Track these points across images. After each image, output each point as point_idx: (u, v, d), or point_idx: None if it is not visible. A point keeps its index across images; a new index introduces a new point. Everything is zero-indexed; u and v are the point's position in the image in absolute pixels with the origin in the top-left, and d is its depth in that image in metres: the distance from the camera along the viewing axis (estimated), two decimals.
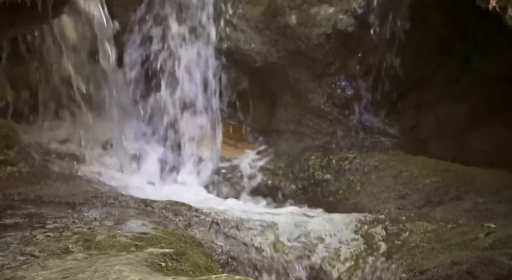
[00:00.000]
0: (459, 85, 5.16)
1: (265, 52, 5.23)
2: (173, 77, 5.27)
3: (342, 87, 5.22)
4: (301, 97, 5.28)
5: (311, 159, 5.09)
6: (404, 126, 5.25)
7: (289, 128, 5.34)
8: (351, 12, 5.02)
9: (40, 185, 4.26)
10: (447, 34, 5.09)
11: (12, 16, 3.71)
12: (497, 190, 4.43)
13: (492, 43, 4.92)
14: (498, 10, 3.48)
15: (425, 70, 5.21)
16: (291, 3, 5.16)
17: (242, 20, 5.27)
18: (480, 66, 5.10)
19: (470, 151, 5.06)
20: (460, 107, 5.14)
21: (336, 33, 5.06)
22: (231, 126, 5.41)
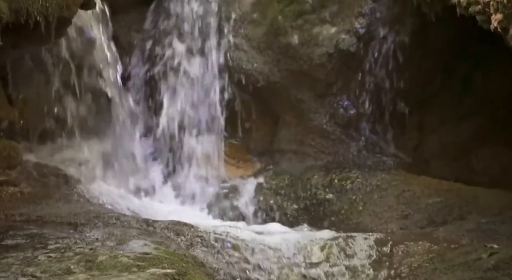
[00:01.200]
0: (461, 105, 5.17)
1: (267, 72, 5.25)
2: (175, 97, 5.28)
3: (345, 106, 5.23)
4: (304, 117, 5.28)
5: (313, 178, 5.09)
6: (407, 146, 5.25)
7: (291, 147, 5.34)
8: (353, 32, 5.04)
9: (42, 205, 4.26)
10: (449, 54, 5.11)
11: (15, 37, 3.74)
12: (500, 210, 4.42)
13: (494, 63, 4.93)
14: (500, 30, 3.49)
15: (427, 90, 5.22)
16: (293, 23, 5.18)
17: (244, 40, 5.29)
18: (482, 86, 5.11)
19: (473, 171, 5.06)
20: (463, 127, 5.14)
21: (338, 53, 5.08)
22: (233, 145, 5.41)
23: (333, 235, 4.29)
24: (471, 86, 5.15)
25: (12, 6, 3.52)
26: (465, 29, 4.24)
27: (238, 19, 5.30)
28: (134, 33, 5.37)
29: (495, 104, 5.05)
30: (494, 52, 4.63)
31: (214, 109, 5.32)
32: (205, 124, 5.32)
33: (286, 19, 5.20)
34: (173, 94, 5.29)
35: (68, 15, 3.90)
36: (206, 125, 5.32)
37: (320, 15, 5.15)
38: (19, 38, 3.79)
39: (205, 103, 5.32)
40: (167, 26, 5.31)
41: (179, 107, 5.28)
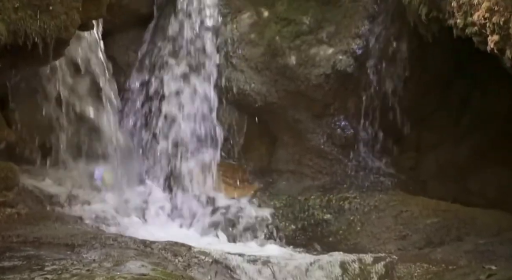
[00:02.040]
0: (459, 125, 5.18)
1: (265, 92, 5.26)
2: (172, 117, 5.29)
3: (342, 127, 5.24)
4: (301, 137, 5.29)
5: (311, 199, 5.08)
6: (404, 166, 5.25)
7: (289, 168, 5.33)
8: (350, 53, 5.06)
9: (39, 226, 4.25)
10: (447, 74, 5.12)
11: (13, 58, 3.75)
12: (498, 231, 4.42)
13: (491, 83, 4.95)
14: (496, 52, 3.51)
15: (425, 110, 5.23)
16: (291, 44, 5.20)
17: (242, 60, 5.31)
18: (480, 106, 5.13)
19: (470, 192, 5.06)
20: (460, 148, 5.16)
21: (336, 74, 5.09)
22: (230, 166, 5.40)
23: (329, 256, 4.28)
24: (468, 106, 5.17)
25: (10, 27, 3.52)
26: (462, 49, 4.25)
27: (236, 39, 5.32)
28: (132, 53, 5.39)
29: (492, 124, 5.06)
30: (491, 73, 4.65)
31: (212, 129, 5.33)
32: (202, 144, 5.32)
33: (284, 40, 5.22)
34: (170, 115, 5.29)
35: (66, 36, 3.89)
36: (203, 146, 5.32)
37: (317, 36, 5.17)
38: (17, 59, 3.80)
39: (202, 124, 5.32)
40: (165, 46, 5.32)
41: (176, 128, 5.28)
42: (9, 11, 3.52)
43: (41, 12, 3.68)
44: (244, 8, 5.39)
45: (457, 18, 3.76)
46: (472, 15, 3.60)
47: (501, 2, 3.40)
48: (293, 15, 5.24)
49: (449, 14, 3.87)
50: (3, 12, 3.49)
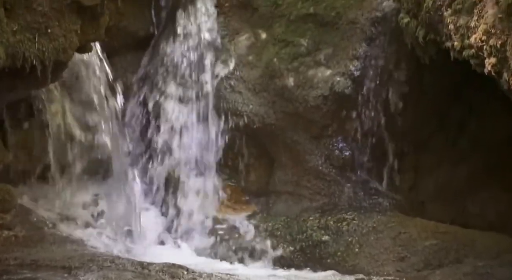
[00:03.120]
0: (457, 148, 5.18)
1: (263, 114, 5.26)
2: (171, 139, 5.29)
3: (340, 148, 5.23)
4: (299, 158, 5.29)
5: (309, 220, 5.07)
6: (402, 188, 5.24)
7: (287, 189, 5.33)
8: (348, 74, 5.07)
9: (36, 248, 4.24)
10: (444, 97, 5.13)
11: (11, 81, 3.75)
12: (497, 254, 4.40)
13: (489, 107, 4.96)
14: (494, 74, 3.52)
15: (422, 132, 5.23)
16: (289, 66, 5.22)
17: (240, 82, 5.32)
18: (477, 129, 5.13)
19: (469, 214, 5.06)
20: (459, 170, 5.16)
21: (334, 95, 5.10)
22: (229, 187, 5.40)
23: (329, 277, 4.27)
24: (465, 129, 5.17)
25: (8, 50, 3.53)
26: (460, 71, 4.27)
27: (234, 61, 5.34)
28: (130, 75, 5.40)
29: (489, 147, 5.07)
30: (488, 95, 4.66)
31: (210, 151, 5.33)
32: (201, 165, 5.32)
33: (282, 62, 5.24)
34: (169, 136, 5.30)
35: (64, 59, 3.91)
36: (202, 167, 5.32)
37: (315, 58, 5.19)
38: (15, 81, 3.80)
39: (201, 145, 5.32)
40: (163, 69, 5.33)
41: (175, 149, 5.28)
42: (7, 34, 3.54)
43: (40, 34, 3.70)
44: (242, 30, 5.41)
45: (454, 41, 3.77)
46: (469, 38, 3.62)
47: (498, 25, 3.41)
48: (291, 37, 5.26)
49: (446, 36, 3.88)
50: (2, 35, 3.50)
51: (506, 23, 3.37)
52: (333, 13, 5.19)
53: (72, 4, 3.82)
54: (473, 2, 3.58)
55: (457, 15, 3.72)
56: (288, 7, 5.31)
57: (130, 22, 5.27)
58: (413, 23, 4.30)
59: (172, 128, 5.29)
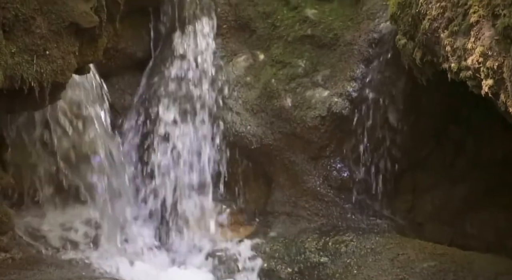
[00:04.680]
0: (454, 168, 5.18)
1: (261, 134, 5.27)
2: (168, 159, 5.28)
3: (338, 169, 5.23)
4: (297, 179, 5.28)
5: (307, 241, 5.05)
6: (400, 209, 5.24)
7: (285, 210, 5.32)
8: (346, 95, 5.08)
9: (34, 271, 4.21)
10: (442, 117, 5.13)
11: (9, 103, 3.76)
12: (495, 275, 4.37)
13: (486, 127, 4.96)
14: (491, 96, 3.53)
15: (420, 153, 5.23)
16: (286, 87, 5.23)
17: (237, 102, 5.33)
18: (475, 149, 5.13)
19: (467, 235, 5.04)
20: (456, 190, 5.15)
21: (331, 116, 5.11)
22: (226, 208, 5.38)
23: None
24: (463, 149, 5.17)
25: (7, 72, 3.54)
26: (457, 92, 4.27)
27: (232, 82, 5.36)
28: (128, 96, 5.41)
29: (487, 167, 5.06)
30: (485, 116, 4.67)
31: (208, 172, 5.32)
32: (198, 186, 5.31)
33: (279, 83, 5.26)
34: (166, 157, 5.29)
35: (62, 80, 3.91)
36: (199, 188, 5.31)
37: (312, 79, 5.21)
38: (14, 103, 3.81)
39: (199, 166, 5.32)
40: (161, 89, 5.34)
41: (172, 170, 5.28)
42: (6, 56, 3.55)
43: (38, 56, 3.71)
44: (240, 51, 5.44)
45: (451, 62, 3.78)
46: (466, 60, 3.63)
47: (495, 47, 3.43)
48: (289, 58, 5.28)
49: (443, 58, 3.89)
50: (0, 58, 3.51)
51: (502, 45, 3.38)
52: (331, 35, 5.21)
53: (71, 26, 3.84)
54: (469, 24, 3.59)
55: (454, 37, 3.73)
56: (285, 28, 5.33)
57: (128, 44, 5.29)
58: (410, 45, 4.31)
59: (169, 149, 5.28)
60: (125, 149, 5.30)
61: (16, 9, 3.58)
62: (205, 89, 5.35)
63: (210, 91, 5.36)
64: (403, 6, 4.19)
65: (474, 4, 3.54)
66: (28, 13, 3.64)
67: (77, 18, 3.85)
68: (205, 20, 5.40)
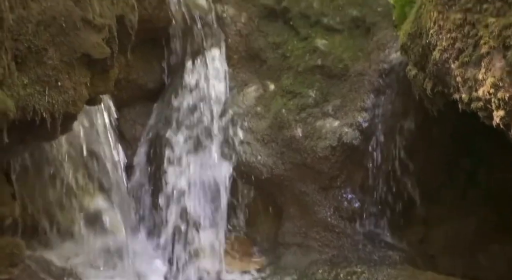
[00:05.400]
0: (466, 200, 5.15)
1: (271, 165, 5.26)
2: (179, 190, 5.27)
3: (349, 199, 5.21)
4: (308, 210, 5.26)
5: (318, 273, 5.01)
6: (412, 240, 5.20)
7: (295, 241, 5.29)
8: (356, 125, 5.08)
9: None
10: (453, 148, 5.12)
11: (21, 134, 3.76)
12: None
13: (499, 158, 4.94)
14: (502, 127, 3.51)
15: (431, 184, 5.21)
16: (297, 117, 5.24)
17: (248, 132, 5.33)
18: (487, 181, 5.11)
19: (480, 267, 4.99)
20: (469, 222, 5.11)
21: (342, 146, 5.10)
22: (236, 238, 5.36)
23: None
24: (476, 180, 5.15)
25: (19, 103, 3.55)
26: (468, 123, 4.26)
27: (242, 112, 5.36)
28: (139, 127, 5.42)
29: (500, 199, 5.03)
30: (497, 147, 4.65)
31: (218, 202, 5.31)
32: (208, 217, 5.29)
33: (290, 113, 5.26)
34: (177, 187, 5.28)
35: (74, 111, 3.91)
36: (209, 218, 5.29)
37: (323, 109, 5.21)
38: (25, 134, 3.81)
39: (209, 196, 5.30)
40: (172, 120, 5.35)
41: (183, 200, 5.26)
42: (18, 87, 3.56)
43: (50, 87, 3.71)
44: (250, 81, 5.45)
45: (462, 93, 3.77)
46: (477, 90, 3.61)
47: (506, 78, 3.42)
48: (299, 88, 5.29)
49: (454, 88, 3.88)
50: (12, 89, 3.52)
51: None
52: (341, 65, 5.22)
53: (82, 57, 3.85)
54: (480, 54, 3.59)
55: (464, 68, 3.73)
56: (296, 59, 5.35)
57: (139, 74, 5.32)
58: (420, 75, 4.31)
59: (179, 179, 5.28)
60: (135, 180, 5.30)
61: (29, 41, 3.59)
62: (215, 119, 5.36)
63: (221, 121, 5.36)
64: (413, 36, 4.19)
65: (485, 35, 3.54)
66: (41, 44, 3.65)
67: (89, 49, 3.86)
68: (216, 50, 5.43)
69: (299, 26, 5.39)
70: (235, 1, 5.44)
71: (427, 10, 3.90)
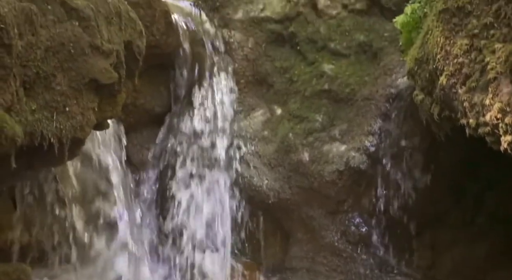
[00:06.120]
0: (474, 225, 5.13)
1: (278, 189, 5.25)
2: (186, 214, 5.27)
3: (356, 224, 5.19)
4: (315, 234, 5.24)
5: None
6: (420, 265, 5.17)
7: (303, 265, 5.27)
8: (363, 150, 5.07)
9: None
10: (460, 173, 5.10)
11: (29, 159, 3.76)
12: None
13: (506, 182, 4.92)
14: (510, 152, 3.50)
15: (439, 208, 5.18)
16: (304, 141, 5.24)
17: (255, 157, 5.33)
18: (495, 205, 5.08)
19: None
20: (476, 247, 5.08)
21: (349, 170, 5.10)
22: (244, 263, 5.34)
23: None
24: (483, 205, 5.12)
25: (27, 129, 3.55)
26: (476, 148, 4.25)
27: (249, 136, 5.37)
28: (146, 151, 5.42)
29: (507, 223, 5.00)
30: (506, 172, 4.63)
31: (225, 226, 5.30)
32: (215, 241, 5.27)
33: (297, 137, 5.26)
34: (184, 211, 5.27)
35: (81, 136, 3.91)
36: (216, 242, 5.27)
37: (330, 133, 5.21)
38: (33, 159, 3.81)
39: (216, 220, 5.29)
40: (178, 144, 5.35)
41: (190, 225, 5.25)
42: (26, 113, 3.56)
43: (58, 113, 3.72)
44: (257, 105, 5.46)
45: (469, 118, 3.76)
46: (484, 115, 3.61)
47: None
48: (306, 113, 5.30)
49: (461, 113, 3.88)
50: (21, 114, 3.53)
51: None
52: (348, 90, 5.23)
53: (90, 82, 3.86)
54: (487, 80, 3.59)
55: (471, 93, 3.73)
56: (303, 83, 5.36)
57: (146, 99, 5.33)
58: (427, 100, 4.31)
59: (186, 203, 5.27)
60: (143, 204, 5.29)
61: (37, 67, 3.61)
62: (223, 143, 5.36)
63: (228, 145, 5.37)
64: (420, 62, 4.20)
65: (492, 60, 3.54)
66: (49, 70, 3.66)
67: (97, 75, 3.88)
68: (223, 75, 5.45)
69: (306, 51, 5.41)
70: (242, 27, 5.47)
71: (434, 36, 3.91)
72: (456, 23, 3.78)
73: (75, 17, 3.78)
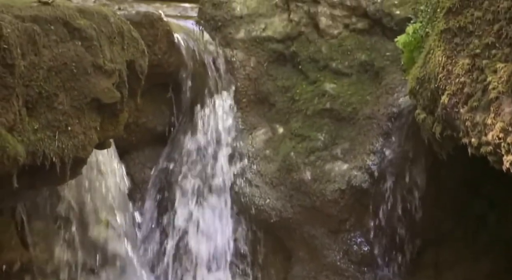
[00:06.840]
0: (477, 243, 5.11)
1: (280, 208, 5.25)
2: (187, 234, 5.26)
3: (358, 243, 5.18)
4: (317, 253, 5.23)
5: None
6: None
7: None
8: (366, 169, 5.07)
9: None
10: (463, 191, 5.09)
11: (31, 179, 3.76)
12: None
13: (509, 201, 4.91)
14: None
15: (441, 227, 5.17)
16: (306, 160, 5.24)
17: (257, 175, 5.33)
18: (498, 224, 5.07)
19: None
20: (480, 266, 5.07)
21: (351, 189, 5.09)
22: None
23: None
24: (485, 224, 5.11)
25: (29, 148, 3.56)
26: (478, 167, 4.25)
27: (251, 155, 5.37)
28: (148, 170, 5.42)
29: (510, 242, 4.99)
30: (508, 191, 4.62)
31: (226, 245, 5.29)
32: (216, 260, 5.26)
33: (299, 156, 5.26)
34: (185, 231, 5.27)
35: (83, 155, 3.93)
36: (217, 262, 5.26)
37: (332, 152, 5.21)
38: (35, 179, 3.81)
39: (217, 239, 5.28)
40: (180, 163, 5.36)
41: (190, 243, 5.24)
42: (28, 132, 3.58)
43: (60, 132, 3.74)
44: (259, 124, 5.47)
45: (471, 137, 3.77)
46: (487, 135, 3.62)
47: None
48: (308, 132, 5.31)
49: (463, 133, 3.88)
50: (23, 134, 3.54)
51: None
52: (350, 109, 5.24)
53: (92, 102, 3.88)
54: (489, 100, 3.60)
55: (473, 112, 3.73)
56: (304, 102, 5.37)
57: (148, 118, 5.34)
58: (429, 119, 4.31)
59: (187, 222, 5.27)
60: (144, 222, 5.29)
61: (40, 87, 3.63)
62: (224, 162, 5.37)
63: (229, 164, 5.37)
64: (422, 81, 4.21)
65: (493, 80, 3.56)
66: (51, 90, 3.68)
67: (99, 94, 3.89)
68: (225, 94, 5.46)
69: (308, 70, 5.42)
70: (244, 46, 5.49)
71: (436, 55, 3.93)
72: (458, 43, 3.79)
73: (77, 37, 3.80)
